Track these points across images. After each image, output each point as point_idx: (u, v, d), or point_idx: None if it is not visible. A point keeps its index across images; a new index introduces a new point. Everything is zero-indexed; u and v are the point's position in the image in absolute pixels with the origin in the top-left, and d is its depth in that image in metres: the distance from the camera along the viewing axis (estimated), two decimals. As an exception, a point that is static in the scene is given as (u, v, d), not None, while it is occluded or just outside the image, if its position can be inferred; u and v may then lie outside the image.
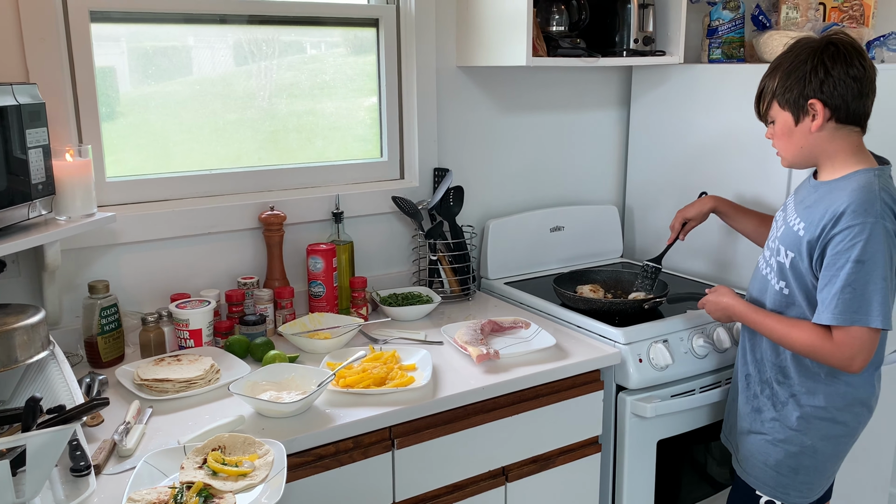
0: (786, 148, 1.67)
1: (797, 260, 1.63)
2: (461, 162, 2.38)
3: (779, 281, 1.70)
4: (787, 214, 1.72)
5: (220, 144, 2.08)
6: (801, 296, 1.66)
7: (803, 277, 1.63)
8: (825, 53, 1.58)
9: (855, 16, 2.45)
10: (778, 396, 1.74)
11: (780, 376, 1.73)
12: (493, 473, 1.78)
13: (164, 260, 1.97)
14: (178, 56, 2.00)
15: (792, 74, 1.60)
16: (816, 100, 1.58)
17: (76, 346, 1.83)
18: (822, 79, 1.57)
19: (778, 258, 1.69)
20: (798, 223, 1.65)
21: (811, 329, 1.59)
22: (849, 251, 1.52)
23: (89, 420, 1.50)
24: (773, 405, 1.75)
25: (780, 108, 1.63)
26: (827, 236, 1.55)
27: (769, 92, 1.65)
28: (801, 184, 1.77)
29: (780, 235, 1.70)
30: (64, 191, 1.65)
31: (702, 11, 2.52)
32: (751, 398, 1.80)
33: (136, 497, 1.21)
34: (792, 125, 1.63)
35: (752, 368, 1.80)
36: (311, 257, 2.06)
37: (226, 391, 1.62)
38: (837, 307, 1.53)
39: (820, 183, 1.66)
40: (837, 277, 1.53)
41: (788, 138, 1.65)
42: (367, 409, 1.57)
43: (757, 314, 1.71)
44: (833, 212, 1.55)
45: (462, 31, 2.27)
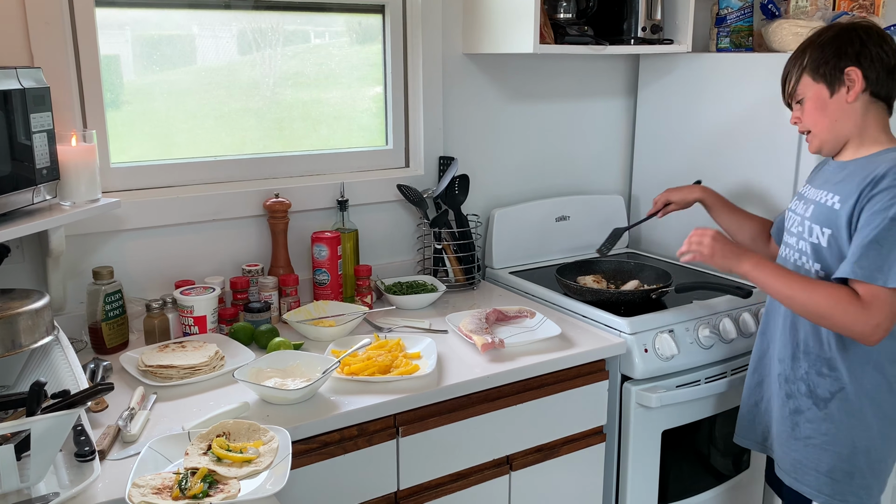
0: (818, 123, 1.60)
1: (836, 236, 1.55)
2: (467, 150, 2.36)
3: (814, 263, 1.60)
4: (810, 196, 1.65)
5: (224, 132, 2.07)
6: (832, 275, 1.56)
7: (844, 255, 1.53)
8: (859, 29, 1.56)
9: (865, 5, 2.43)
10: (819, 394, 1.62)
11: (824, 369, 1.60)
12: (497, 462, 1.78)
13: (168, 246, 1.96)
14: (182, 45, 1.99)
15: (827, 47, 1.57)
16: (854, 67, 1.54)
17: (80, 333, 1.82)
18: (859, 50, 1.54)
19: (811, 240, 1.60)
20: (831, 198, 1.58)
21: (834, 287, 1.50)
22: (886, 210, 1.45)
23: (93, 406, 1.50)
24: (814, 404, 1.62)
25: (813, 80, 1.59)
26: (865, 199, 1.49)
27: (799, 67, 1.60)
28: (818, 169, 1.72)
29: (809, 215, 1.62)
30: (68, 176, 1.64)
31: (710, 0, 2.49)
32: (786, 399, 1.68)
33: (141, 482, 1.20)
34: (826, 97, 1.58)
35: (785, 366, 1.68)
36: (315, 245, 2.05)
37: (230, 378, 1.62)
38: (860, 261, 1.45)
39: (847, 162, 1.60)
40: (867, 230, 1.46)
41: (822, 112, 1.59)
42: (372, 397, 1.56)
43: (778, 271, 1.58)
44: (872, 177, 1.49)
45: (468, 17, 2.25)
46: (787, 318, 1.67)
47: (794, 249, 1.68)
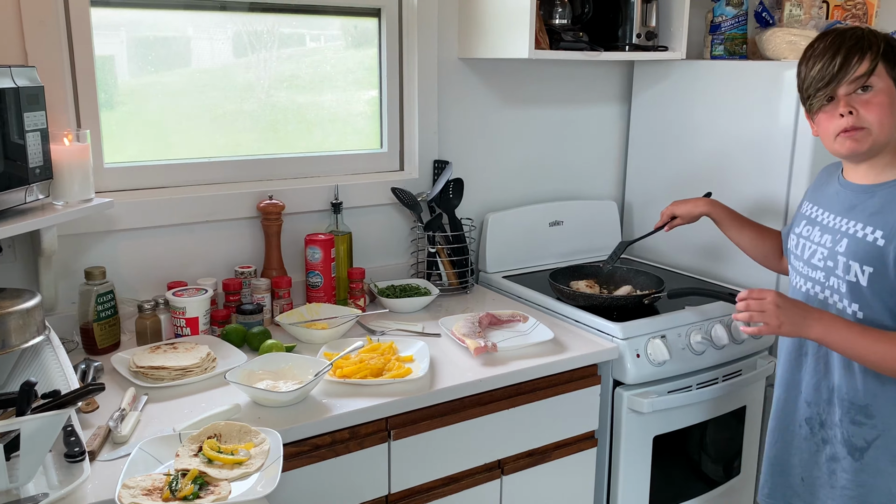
0: (885, 122, 1.41)
1: (879, 274, 1.42)
2: (461, 154, 2.37)
3: (851, 304, 1.47)
4: (834, 225, 1.51)
5: (219, 133, 2.07)
6: (885, 316, 1.44)
7: (889, 293, 1.42)
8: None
9: (858, 14, 2.44)
10: (854, 443, 1.50)
11: (859, 416, 1.49)
12: (488, 466, 1.77)
13: (161, 247, 1.96)
14: (177, 46, 1.99)
15: (892, 45, 1.42)
16: None
17: (72, 333, 1.82)
18: None
19: (848, 277, 1.46)
20: (871, 232, 1.44)
21: None
22: None
23: (84, 406, 1.49)
24: (849, 454, 1.51)
25: (888, 72, 1.41)
26: None
27: (877, 52, 1.40)
28: (822, 188, 1.61)
29: (843, 250, 1.47)
30: (62, 175, 1.64)
31: (705, 7, 2.51)
32: (821, 445, 1.57)
33: (131, 483, 1.20)
34: (894, 97, 1.41)
35: (818, 410, 1.57)
36: (309, 247, 2.05)
37: (222, 380, 1.61)
38: None
39: (874, 186, 1.47)
40: None
41: (892, 111, 1.41)
42: (364, 400, 1.56)
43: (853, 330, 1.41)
44: None
45: (464, 22, 2.25)
46: (819, 359, 1.56)
47: (819, 285, 1.54)
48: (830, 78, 1.42)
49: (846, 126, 1.43)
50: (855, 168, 1.52)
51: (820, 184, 1.64)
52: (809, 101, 1.48)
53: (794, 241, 1.63)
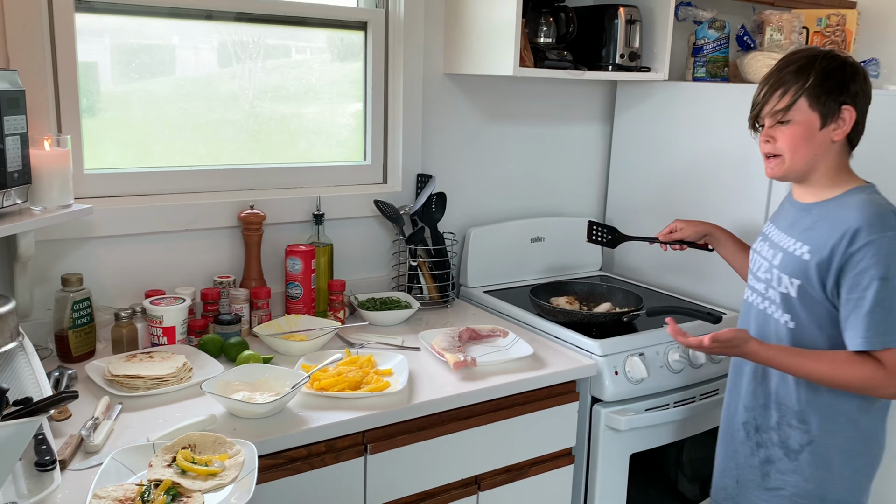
0: (798, 152, 1.53)
1: (806, 287, 1.52)
2: (445, 169, 2.37)
3: (784, 314, 1.57)
4: (777, 241, 1.62)
5: (201, 142, 2.06)
6: (813, 327, 1.54)
7: (816, 306, 1.52)
8: (857, 65, 1.52)
9: (836, 41, 2.49)
10: (790, 445, 1.59)
11: (794, 421, 1.58)
12: (465, 482, 1.77)
13: (139, 255, 1.94)
14: (161, 54, 1.98)
15: (832, 76, 1.49)
16: (851, 106, 1.50)
17: (46, 340, 1.79)
18: (858, 89, 1.51)
19: (780, 289, 1.57)
20: (799, 247, 1.54)
21: (858, 361, 1.45)
22: (872, 269, 1.42)
23: (56, 414, 1.47)
24: (785, 454, 1.60)
25: (810, 107, 1.50)
26: (843, 257, 1.45)
27: (800, 88, 1.50)
28: (781, 210, 1.70)
29: (778, 264, 1.58)
30: (40, 180, 1.62)
31: (688, 30, 2.54)
32: (756, 449, 1.66)
33: (102, 494, 1.18)
34: (816, 128, 1.51)
35: (755, 414, 1.65)
36: (289, 258, 2.04)
37: (198, 390, 1.60)
38: (870, 330, 1.42)
39: (812, 205, 1.57)
40: (864, 299, 1.43)
41: (808, 142, 1.51)
42: (341, 413, 1.55)
43: (785, 353, 1.53)
44: (845, 229, 1.46)
45: (450, 38, 2.27)
46: (757, 368, 1.65)
47: (761, 296, 1.64)
48: (754, 107, 1.59)
49: (764, 152, 1.59)
50: (798, 187, 1.63)
51: (782, 202, 1.73)
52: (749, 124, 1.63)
53: (752, 256, 1.72)
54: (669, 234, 1.98)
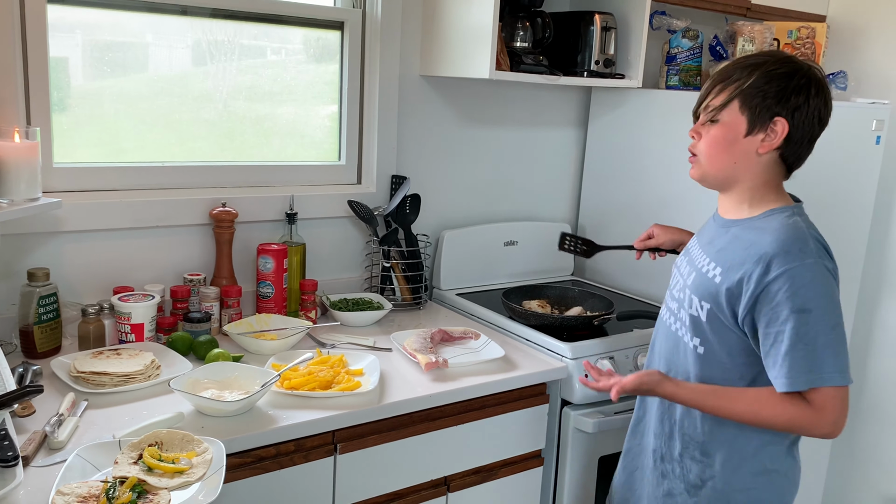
0: (715, 157, 1.42)
1: (716, 312, 1.40)
2: (419, 171, 2.38)
3: (693, 338, 1.46)
4: (694, 257, 1.50)
5: (174, 139, 2.04)
6: (723, 353, 1.42)
7: (725, 332, 1.40)
8: (814, 80, 1.37)
9: (806, 53, 2.54)
10: (690, 479, 1.49)
11: (697, 454, 1.48)
12: (434, 483, 1.77)
13: (108, 251, 1.91)
14: (134, 52, 1.96)
15: (774, 81, 1.36)
16: (785, 120, 1.36)
17: (10, 335, 1.76)
18: (800, 104, 1.36)
19: (690, 311, 1.45)
20: (712, 268, 1.42)
21: (784, 400, 1.34)
22: (790, 301, 1.30)
23: (20, 410, 1.44)
24: (686, 489, 1.50)
25: (740, 109, 1.38)
26: (758, 287, 1.33)
27: (738, 87, 1.38)
28: (707, 222, 1.59)
29: (690, 283, 1.47)
30: (8, 173, 1.59)
31: (662, 38, 2.57)
32: (661, 479, 1.55)
33: (66, 490, 1.16)
34: (741, 134, 1.39)
35: (661, 441, 1.54)
36: (261, 257, 2.03)
37: (165, 388, 1.58)
38: (793, 369, 1.31)
39: (731, 221, 1.46)
40: (783, 334, 1.31)
41: (727, 147, 1.40)
42: (311, 412, 1.54)
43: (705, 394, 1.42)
44: (759, 255, 1.33)
45: (427, 40, 2.27)
46: None
47: (674, 316, 1.53)
48: (697, 100, 1.47)
49: (689, 148, 1.49)
50: (722, 199, 1.51)
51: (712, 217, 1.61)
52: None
53: (672, 271, 1.61)
54: (646, 240, 1.88)
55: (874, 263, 2.70)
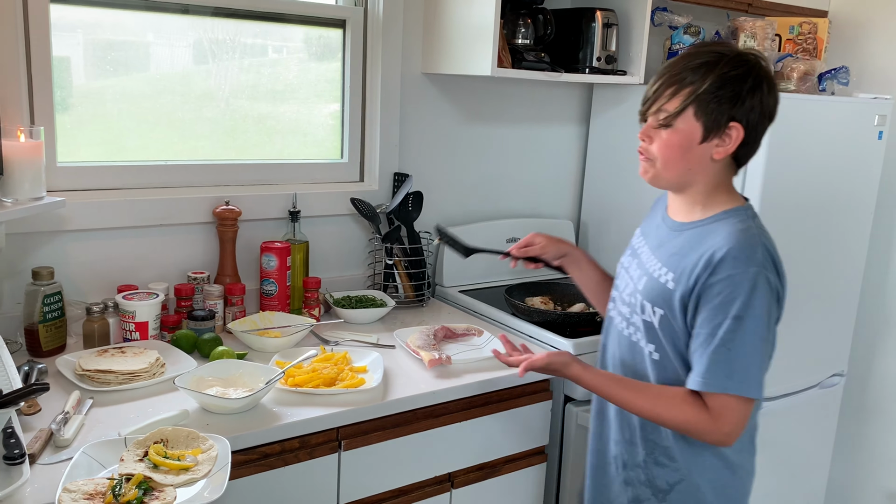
0: (670, 162, 1.37)
1: (668, 318, 1.38)
2: (422, 168, 2.38)
3: (647, 343, 1.43)
4: (644, 261, 1.47)
5: (176, 137, 2.05)
6: (676, 360, 1.39)
7: (678, 338, 1.38)
8: (765, 77, 1.34)
9: (808, 49, 2.54)
10: (658, 485, 1.46)
11: (662, 458, 1.45)
12: (438, 479, 1.77)
13: (112, 250, 1.92)
14: (135, 51, 1.97)
15: (728, 85, 1.31)
16: (740, 125, 1.33)
17: (16, 334, 1.77)
18: (754, 106, 1.33)
19: (644, 317, 1.42)
20: (664, 274, 1.39)
21: (685, 401, 1.34)
22: (728, 305, 1.29)
23: (26, 408, 1.45)
24: (653, 495, 1.47)
25: (695, 115, 1.33)
26: (703, 287, 1.32)
27: (692, 93, 1.32)
28: (652, 221, 1.55)
29: (642, 289, 1.43)
30: (12, 172, 1.60)
31: (663, 34, 2.57)
32: (625, 486, 1.51)
33: (73, 487, 1.17)
34: (696, 141, 1.34)
35: (622, 449, 1.50)
36: (264, 255, 2.03)
37: (170, 385, 1.58)
38: (710, 370, 1.30)
39: (683, 225, 1.43)
40: (714, 336, 1.30)
41: (683, 153, 1.35)
42: (316, 409, 1.55)
43: (611, 382, 1.42)
44: (709, 257, 1.32)
45: (429, 37, 2.28)
46: None
47: (626, 321, 1.49)
48: (644, 101, 1.40)
49: (639, 149, 1.42)
50: (673, 201, 1.48)
51: (653, 212, 1.58)
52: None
53: (618, 271, 1.57)
54: (525, 248, 1.73)
55: (877, 260, 2.70)
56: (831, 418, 2.67)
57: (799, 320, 2.38)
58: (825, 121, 2.25)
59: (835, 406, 2.66)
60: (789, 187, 2.21)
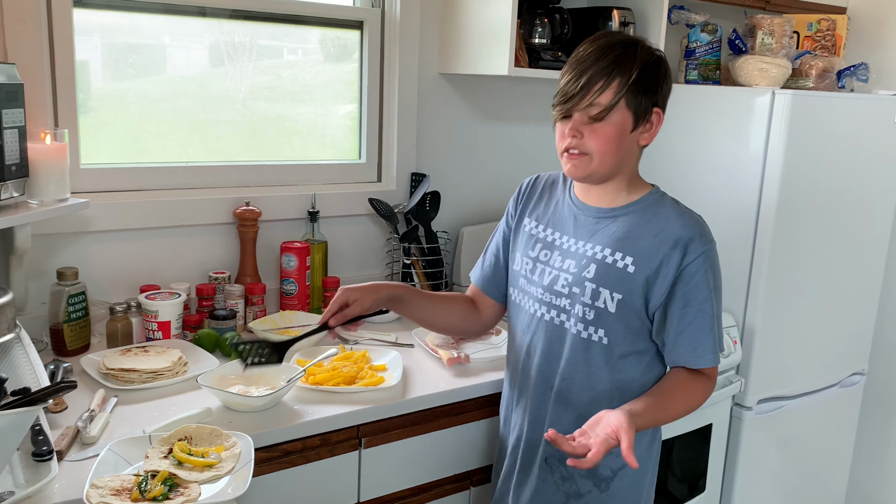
0: (607, 154, 1.37)
1: (627, 301, 1.39)
2: (439, 168, 2.39)
3: (596, 330, 1.41)
4: (571, 249, 1.45)
5: (196, 140, 2.07)
6: (628, 342, 1.41)
7: (634, 320, 1.40)
8: (665, 62, 1.42)
9: (827, 45, 2.52)
10: (601, 474, 1.46)
11: None
12: (458, 477, 1.78)
13: (135, 250, 1.94)
14: (152, 54, 1.99)
15: (649, 73, 1.36)
16: (659, 110, 1.40)
17: (41, 334, 1.79)
18: (667, 91, 1.41)
19: (597, 304, 1.40)
20: (621, 258, 1.40)
21: (698, 381, 1.40)
22: (706, 282, 1.36)
23: (52, 406, 1.47)
24: (595, 485, 1.47)
25: (626, 106, 1.35)
26: (677, 270, 1.36)
27: (622, 85, 1.34)
28: (548, 211, 1.54)
29: (592, 276, 1.41)
30: (38, 174, 1.63)
31: (680, 33, 2.57)
32: (561, 483, 1.49)
33: (100, 483, 1.19)
34: (628, 130, 1.38)
35: (553, 448, 1.43)
36: (284, 255, 2.05)
37: (193, 384, 1.61)
38: (715, 346, 1.39)
39: (612, 210, 1.44)
40: (704, 313, 1.36)
41: (617, 144, 1.37)
42: (336, 407, 1.56)
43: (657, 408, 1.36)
44: (674, 241, 1.36)
45: (445, 38, 2.29)
46: (557, 392, 1.47)
47: (563, 312, 1.45)
48: (569, 98, 1.38)
49: (568, 146, 1.40)
50: (590, 189, 1.47)
51: (541, 198, 1.58)
52: (552, 109, 1.45)
53: (529, 265, 1.52)
54: (340, 314, 1.52)
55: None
56: (852, 417, 2.65)
57: (819, 318, 2.37)
58: (844, 118, 2.24)
59: (855, 405, 2.65)
60: (809, 185, 2.20)
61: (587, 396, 1.45)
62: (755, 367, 2.25)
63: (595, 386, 1.44)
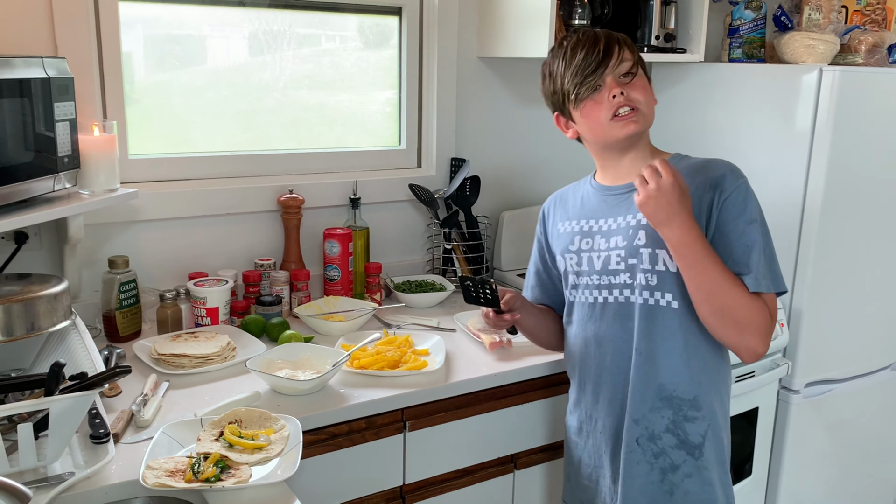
0: (650, 101, 1.44)
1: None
2: (479, 152, 2.39)
3: (663, 295, 1.41)
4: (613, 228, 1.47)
5: (239, 129, 2.10)
6: (689, 303, 1.39)
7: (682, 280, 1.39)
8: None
9: (877, 20, 2.45)
10: (692, 441, 1.45)
11: (691, 411, 1.44)
12: (502, 460, 1.79)
13: (183, 238, 1.99)
14: (192, 45, 2.02)
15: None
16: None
17: (94, 321, 1.85)
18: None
19: (657, 266, 1.40)
20: None
21: (752, 297, 1.36)
22: (744, 213, 1.38)
23: (107, 391, 1.52)
24: (689, 454, 1.45)
25: (639, 63, 1.46)
26: (716, 206, 1.38)
27: (629, 44, 1.45)
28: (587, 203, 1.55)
29: (645, 242, 1.41)
30: (88, 165, 1.67)
31: (723, 10, 2.52)
32: (654, 460, 1.47)
33: (155, 465, 1.23)
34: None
35: (645, 425, 1.45)
36: (327, 241, 2.08)
37: (241, 368, 1.64)
38: (766, 273, 1.36)
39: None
40: (749, 238, 1.37)
41: (652, 93, 1.46)
42: (381, 391, 1.58)
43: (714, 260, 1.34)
44: (707, 184, 1.40)
45: (484, 21, 2.28)
46: (635, 367, 1.45)
47: (627, 288, 1.45)
48: (598, 64, 1.41)
49: (622, 103, 1.40)
50: (613, 170, 1.51)
51: (566, 203, 1.61)
52: (576, 90, 1.43)
53: (574, 259, 1.53)
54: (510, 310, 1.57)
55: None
56: (904, 401, 2.59)
57: (868, 301, 2.32)
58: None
59: (907, 388, 2.59)
60: (858, 165, 2.15)
61: (665, 364, 1.43)
62: (802, 350, 2.21)
63: (671, 352, 1.43)
